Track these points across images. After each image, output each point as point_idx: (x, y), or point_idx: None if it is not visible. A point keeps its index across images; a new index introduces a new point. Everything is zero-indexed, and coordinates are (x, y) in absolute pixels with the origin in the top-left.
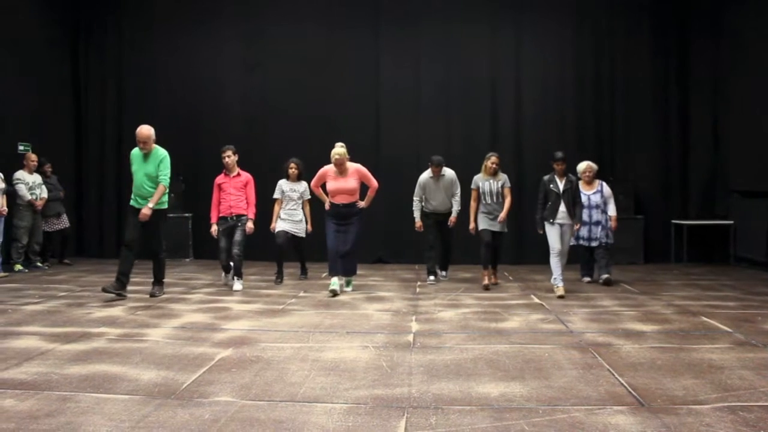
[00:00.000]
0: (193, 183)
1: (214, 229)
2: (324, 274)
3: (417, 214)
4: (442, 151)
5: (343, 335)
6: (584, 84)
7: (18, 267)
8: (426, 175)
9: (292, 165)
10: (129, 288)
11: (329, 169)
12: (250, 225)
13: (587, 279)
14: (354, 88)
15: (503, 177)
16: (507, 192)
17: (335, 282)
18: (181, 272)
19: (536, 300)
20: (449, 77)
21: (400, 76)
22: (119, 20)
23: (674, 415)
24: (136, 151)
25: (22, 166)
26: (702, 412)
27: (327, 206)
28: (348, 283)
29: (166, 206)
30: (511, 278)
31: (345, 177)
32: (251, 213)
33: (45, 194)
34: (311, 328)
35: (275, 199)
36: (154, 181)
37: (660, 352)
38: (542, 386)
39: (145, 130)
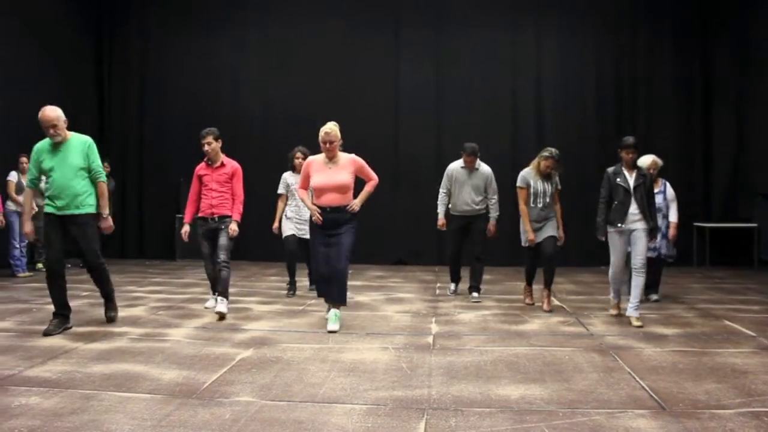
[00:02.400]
0: None
1: (185, 230)
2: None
3: (441, 209)
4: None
5: (362, 336)
6: (606, 86)
7: (41, 266)
8: (456, 164)
9: (299, 154)
10: (153, 288)
11: (314, 160)
12: (233, 227)
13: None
14: (373, 90)
15: (555, 176)
16: (557, 197)
17: (334, 317)
18: (200, 273)
19: (556, 302)
20: (469, 78)
21: (420, 77)
22: (142, 21)
23: (696, 419)
24: (43, 145)
25: None
26: (725, 416)
27: (317, 217)
28: (334, 316)
29: (94, 209)
30: None
31: (335, 168)
32: (237, 213)
33: None
34: None
35: (279, 195)
36: (84, 174)
37: (682, 355)
38: (562, 389)
39: (51, 111)
